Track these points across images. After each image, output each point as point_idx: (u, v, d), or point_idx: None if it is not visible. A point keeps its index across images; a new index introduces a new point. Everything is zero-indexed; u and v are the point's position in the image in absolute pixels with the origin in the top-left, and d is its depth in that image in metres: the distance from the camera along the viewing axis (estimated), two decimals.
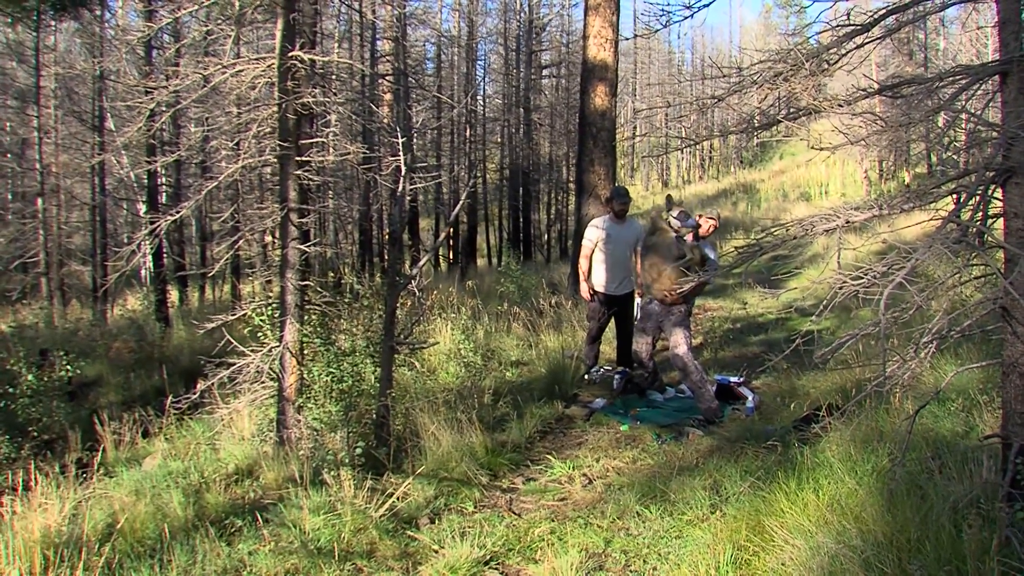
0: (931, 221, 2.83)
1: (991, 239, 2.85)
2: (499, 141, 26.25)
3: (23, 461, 5.27)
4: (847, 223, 2.94)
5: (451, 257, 23.21)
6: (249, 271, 15.35)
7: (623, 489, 4.22)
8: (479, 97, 25.71)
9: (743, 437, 4.77)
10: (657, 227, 5.87)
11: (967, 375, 4.38)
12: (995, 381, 4.05)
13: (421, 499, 4.24)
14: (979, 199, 2.76)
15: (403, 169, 4.89)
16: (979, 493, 2.90)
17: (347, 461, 4.20)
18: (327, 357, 5.02)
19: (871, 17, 3.09)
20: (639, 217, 7.86)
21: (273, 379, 5.06)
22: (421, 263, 5.13)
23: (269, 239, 12.26)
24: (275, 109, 5.03)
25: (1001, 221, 2.87)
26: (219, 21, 5.73)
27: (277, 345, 5.01)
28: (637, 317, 6.70)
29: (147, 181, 13.20)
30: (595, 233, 6.64)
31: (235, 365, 5.02)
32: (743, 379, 6.40)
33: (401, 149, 4.86)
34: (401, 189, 4.94)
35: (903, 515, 2.87)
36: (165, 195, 14.39)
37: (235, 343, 5.05)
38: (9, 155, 18.59)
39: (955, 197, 2.81)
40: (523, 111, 24.33)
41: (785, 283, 11.41)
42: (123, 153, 14.56)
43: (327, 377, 4.89)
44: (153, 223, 5.21)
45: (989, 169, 2.75)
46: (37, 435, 6.01)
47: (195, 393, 5.16)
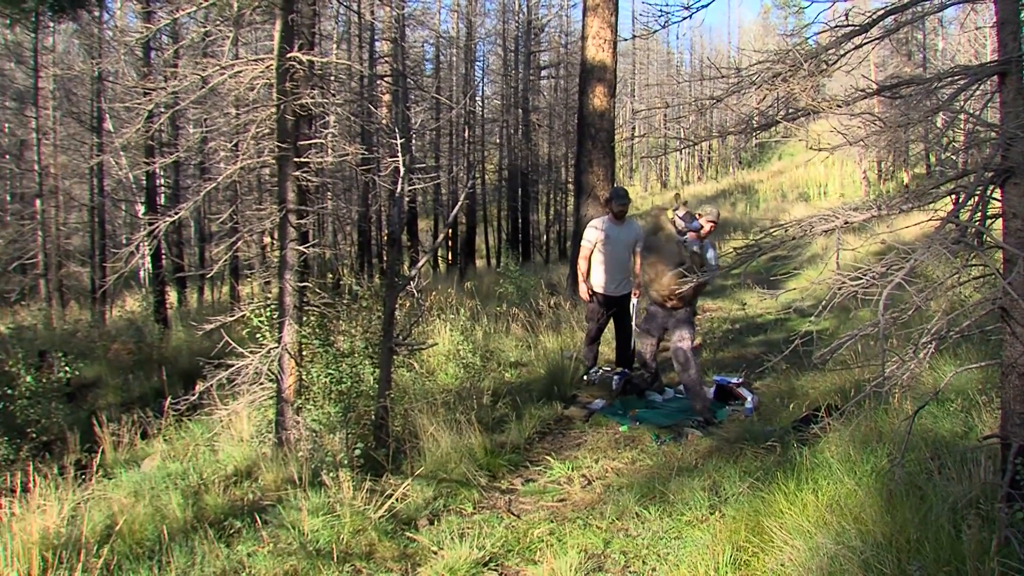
0: (930, 221, 2.84)
1: (990, 239, 2.85)
2: (498, 142, 26.27)
3: (22, 463, 5.26)
4: (846, 224, 2.94)
5: (450, 258, 23.20)
6: (248, 272, 15.37)
7: (622, 490, 4.22)
8: (478, 98, 25.73)
9: (742, 438, 4.77)
10: (660, 227, 5.84)
11: (966, 375, 4.38)
12: (994, 381, 4.05)
13: (420, 500, 4.24)
14: (978, 199, 2.76)
15: (402, 170, 4.89)
16: (978, 493, 2.90)
17: (346, 462, 4.20)
18: (326, 358, 5.01)
19: (869, 18, 3.10)
20: (638, 217, 7.86)
21: (272, 380, 5.05)
22: (420, 264, 5.13)
23: (268, 240, 12.28)
24: (273, 110, 5.03)
25: (1000, 221, 2.87)
26: (217, 22, 5.72)
27: (276, 346, 5.01)
28: (634, 317, 6.71)
29: (146, 182, 13.18)
30: (594, 234, 6.64)
31: (234, 366, 5.02)
32: (742, 380, 6.40)
33: (400, 150, 4.86)
34: (400, 190, 4.94)
35: (902, 515, 2.87)
36: (164, 196, 14.37)
37: (234, 344, 5.05)
38: (8, 156, 18.59)
39: (954, 197, 2.82)
40: (522, 112, 24.34)
41: (784, 284, 11.42)
42: (122, 154, 14.53)
43: (326, 378, 4.89)
44: (152, 224, 5.21)
45: (988, 169, 2.75)
46: (36, 437, 6.00)
47: (194, 394, 5.15)
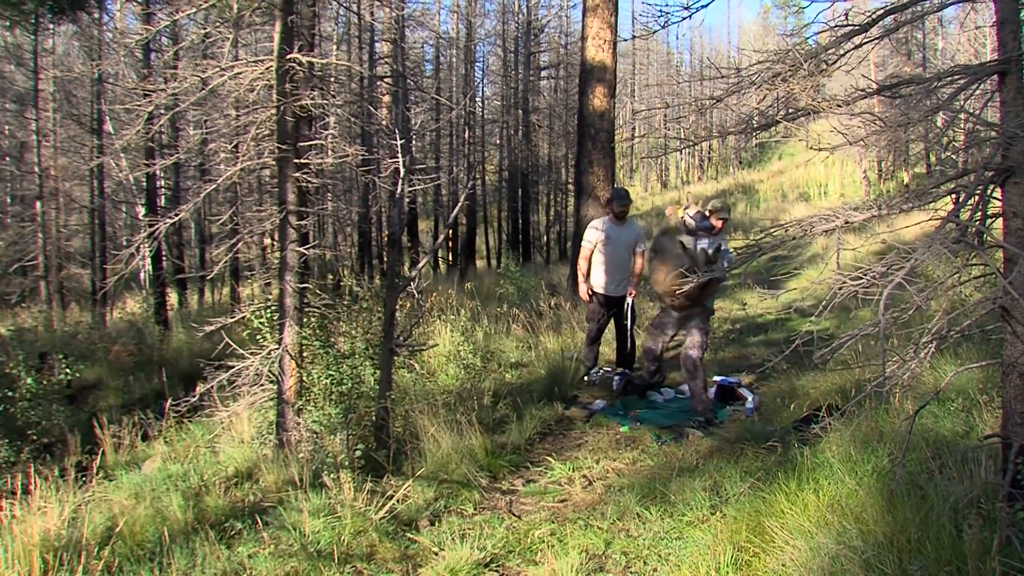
0: (930, 221, 2.83)
1: (990, 239, 2.85)
2: (498, 143, 26.26)
3: (22, 465, 5.27)
4: (846, 223, 2.94)
5: (450, 259, 23.19)
6: (248, 274, 15.37)
7: (623, 490, 4.22)
8: (478, 99, 25.72)
9: (743, 438, 4.77)
10: (669, 227, 5.78)
11: (967, 375, 4.38)
12: (995, 381, 4.05)
13: (421, 501, 4.24)
14: (978, 199, 2.76)
15: (402, 171, 4.89)
16: (979, 493, 2.89)
17: (347, 463, 4.20)
18: (326, 359, 5.01)
19: (869, 17, 3.10)
20: (639, 218, 7.86)
21: (272, 382, 5.05)
22: (420, 265, 5.13)
23: (268, 242, 12.28)
24: (273, 111, 5.03)
25: (1000, 221, 2.87)
26: (217, 24, 5.72)
27: (276, 348, 5.01)
28: (629, 317, 6.68)
29: (146, 184, 13.19)
30: (594, 234, 6.64)
31: (234, 368, 5.02)
32: (743, 380, 6.40)
33: (400, 151, 4.86)
34: (400, 191, 4.93)
35: (903, 515, 2.87)
36: (164, 198, 14.38)
37: (234, 346, 5.05)
38: (8, 158, 18.59)
39: (954, 197, 2.81)
40: (522, 112, 24.33)
41: (784, 284, 11.42)
42: (122, 156, 14.55)
43: (326, 379, 4.89)
44: (152, 226, 5.21)
45: (988, 169, 2.75)
46: (36, 439, 6.01)
47: (194, 396, 5.16)
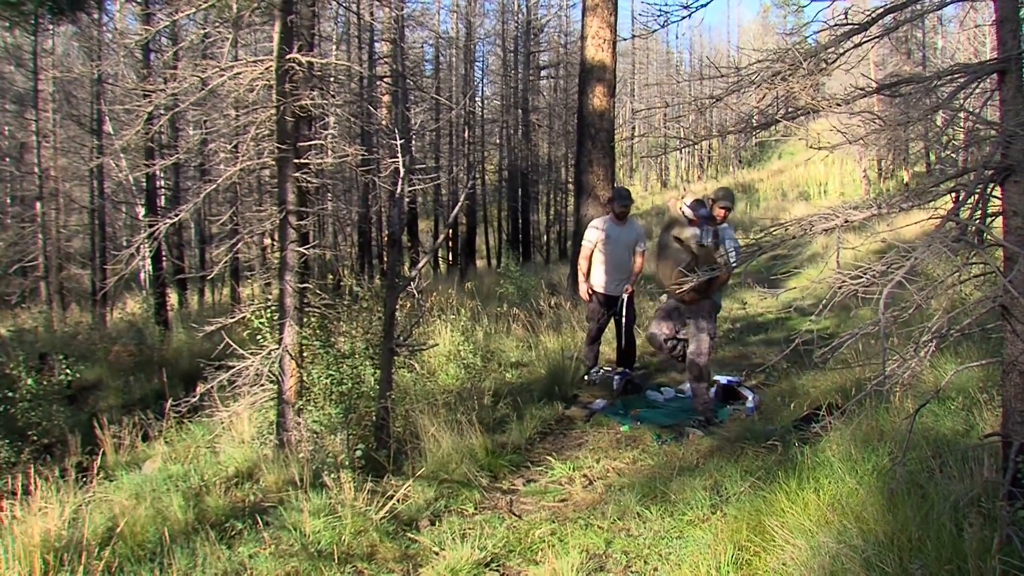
0: (930, 220, 2.83)
1: (990, 237, 2.85)
2: (498, 142, 26.26)
3: (23, 465, 5.26)
4: (846, 222, 2.94)
5: (450, 258, 23.19)
6: (248, 274, 15.37)
7: (623, 490, 4.22)
8: (477, 98, 25.72)
9: (743, 437, 4.77)
10: (672, 221, 5.70)
11: (967, 374, 4.38)
12: (995, 379, 4.04)
13: (421, 501, 4.24)
14: (978, 197, 2.76)
15: (402, 171, 4.89)
16: (980, 492, 2.89)
17: (347, 463, 4.20)
18: (326, 359, 5.01)
19: (869, 16, 3.09)
20: (639, 217, 7.85)
21: (272, 382, 5.05)
22: (420, 265, 5.13)
23: (268, 242, 12.26)
24: (273, 111, 5.03)
25: (1000, 219, 2.87)
26: (217, 24, 5.72)
27: (276, 348, 5.01)
28: (625, 312, 6.65)
29: (146, 184, 13.18)
30: (594, 234, 6.64)
31: (234, 368, 5.02)
32: (743, 379, 6.40)
33: (400, 151, 4.86)
34: (400, 191, 4.93)
35: (904, 514, 2.86)
36: (164, 198, 14.38)
37: (234, 346, 5.05)
38: (8, 159, 18.59)
39: (954, 196, 2.81)
40: (521, 112, 24.33)
41: (784, 283, 11.42)
42: (121, 156, 14.55)
43: (327, 379, 4.89)
44: (152, 226, 5.21)
45: (988, 167, 2.74)
46: (37, 439, 6.01)
47: (195, 396, 5.16)
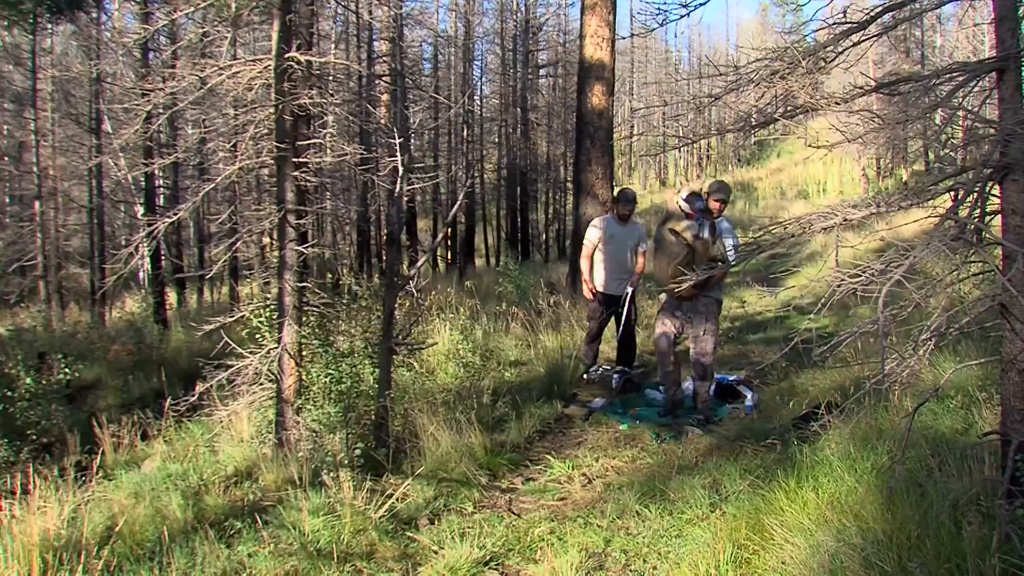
0: (929, 218, 2.83)
1: (989, 236, 2.85)
2: (496, 141, 26.25)
3: (22, 464, 5.25)
4: (845, 221, 2.94)
5: (449, 257, 23.19)
6: (247, 273, 15.35)
7: (623, 488, 4.22)
8: (476, 97, 25.69)
9: (742, 436, 4.78)
10: (668, 216, 5.67)
11: (966, 372, 4.38)
12: (994, 378, 4.05)
13: (420, 500, 4.24)
14: (977, 196, 2.76)
15: (400, 170, 4.89)
16: (979, 490, 2.89)
17: (346, 462, 4.20)
18: (325, 358, 5.01)
19: (868, 15, 3.09)
20: (637, 216, 7.84)
21: (272, 381, 5.05)
22: (419, 263, 5.13)
23: (267, 241, 12.24)
24: (272, 110, 5.02)
25: (999, 218, 2.87)
26: (215, 23, 5.71)
27: (275, 347, 5.00)
28: (626, 308, 6.64)
29: (144, 183, 13.18)
30: (596, 233, 6.65)
31: (234, 367, 5.02)
32: (742, 377, 6.40)
33: (398, 150, 4.85)
34: (399, 190, 4.93)
35: (903, 513, 2.87)
36: (163, 197, 14.37)
37: (233, 345, 5.05)
38: (6, 158, 18.58)
39: (953, 194, 2.81)
40: (520, 111, 24.32)
41: (783, 281, 11.42)
42: (120, 155, 14.53)
43: (326, 378, 4.89)
44: (151, 225, 5.20)
45: (986, 166, 2.74)
46: (36, 438, 5.99)
47: (194, 395, 5.15)
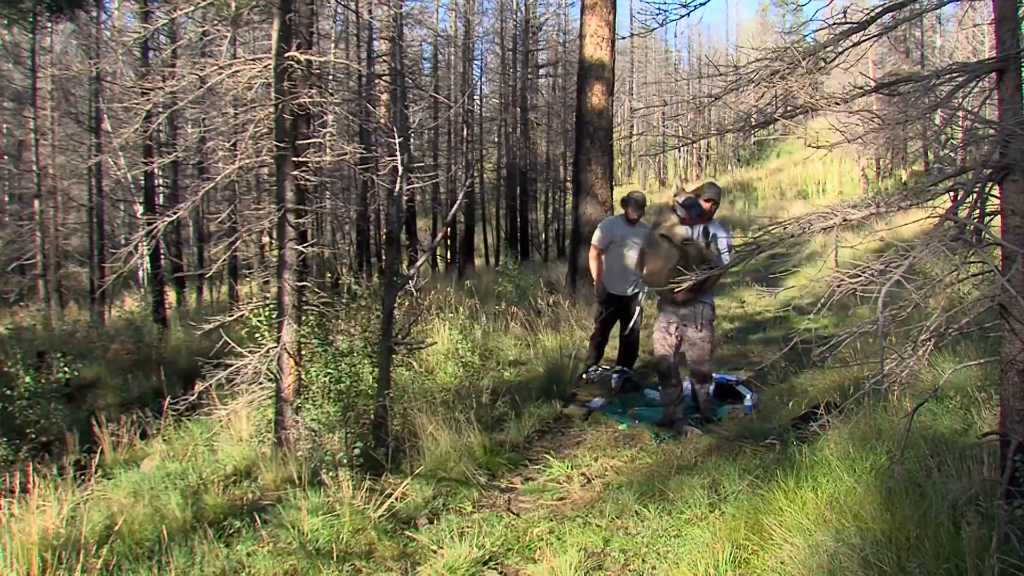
0: (928, 219, 2.83)
1: (988, 236, 2.85)
2: (496, 141, 26.25)
3: (21, 463, 5.25)
4: (845, 221, 2.94)
5: (448, 257, 23.19)
6: (247, 272, 15.33)
7: (622, 488, 4.22)
8: (476, 97, 25.71)
9: (741, 436, 4.78)
10: (661, 220, 5.67)
11: (965, 372, 4.38)
12: (993, 378, 4.05)
13: (419, 499, 4.23)
14: (976, 196, 2.76)
15: (400, 169, 4.88)
16: (978, 490, 2.89)
17: (345, 462, 4.20)
18: (325, 358, 5.01)
19: (868, 15, 3.09)
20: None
21: (271, 380, 5.05)
22: (418, 263, 5.12)
23: (266, 240, 12.26)
24: (272, 110, 5.02)
25: (999, 218, 2.87)
26: (215, 22, 5.71)
27: (275, 346, 5.00)
28: (635, 311, 6.64)
29: (144, 182, 13.17)
30: (604, 235, 6.65)
31: (233, 366, 5.01)
32: (741, 378, 6.40)
33: (398, 149, 4.85)
34: (398, 189, 4.93)
35: (902, 513, 2.87)
36: (162, 196, 14.36)
37: (233, 344, 5.04)
38: (6, 157, 18.58)
39: (952, 194, 2.81)
40: (520, 111, 24.32)
41: (783, 281, 11.43)
42: (120, 154, 14.52)
43: (325, 378, 4.88)
44: (150, 224, 5.20)
45: (986, 166, 2.74)
46: (35, 437, 5.99)
47: (193, 394, 5.14)
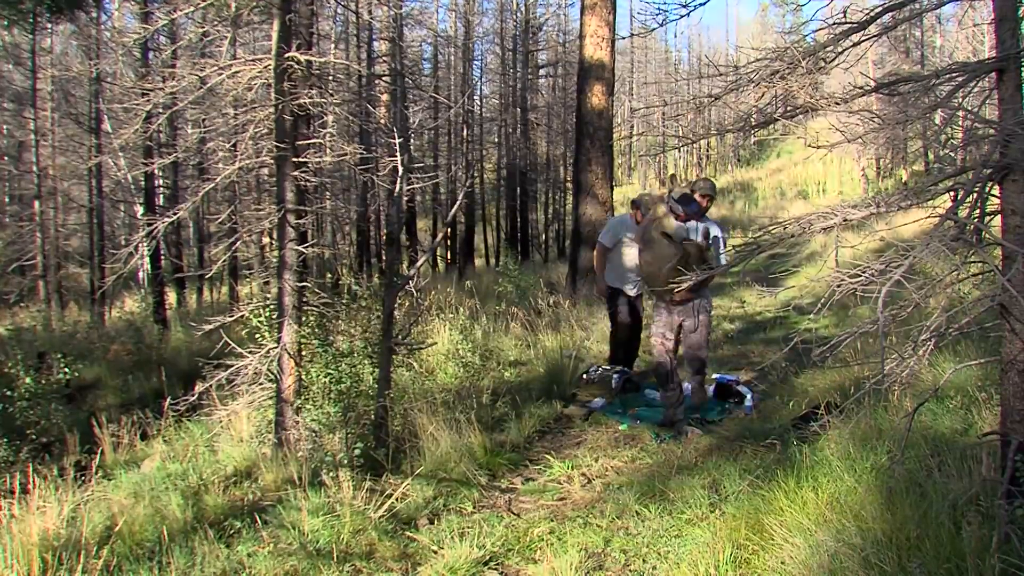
0: (929, 218, 2.83)
1: (989, 236, 2.85)
2: (496, 141, 26.25)
3: (21, 464, 5.24)
4: (845, 221, 2.94)
5: (449, 257, 23.19)
6: (247, 272, 15.34)
7: (622, 488, 4.22)
8: (476, 97, 25.69)
9: (742, 436, 4.78)
10: (655, 217, 5.42)
11: (965, 372, 4.38)
12: (993, 378, 4.05)
13: (420, 500, 4.23)
14: (976, 196, 2.76)
15: (400, 170, 4.88)
16: (978, 490, 2.89)
17: (346, 462, 4.20)
18: (325, 358, 5.01)
19: (867, 15, 3.09)
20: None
21: (271, 380, 5.05)
22: (419, 263, 5.12)
23: (267, 240, 12.27)
24: (272, 110, 5.02)
25: (999, 218, 2.87)
26: (215, 22, 5.71)
27: (275, 346, 5.00)
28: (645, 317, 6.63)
29: (144, 183, 13.18)
30: (614, 233, 6.67)
31: (233, 367, 5.01)
32: (741, 378, 6.40)
33: (398, 150, 4.85)
34: (398, 190, 4.93)
35: (902, 513, 2.87)
36: (162, 197, 14.36)
37: (233, 345, 5.04)
38: (6, 158, 18.58)
39: (952, 194, 2.81)
40: (520, 111, 24.32)
41: (783, 281, 11.42)
42: (120, 155, 14.54)
43: (325, 378, 4.88)
44: (150, 225, 5.19)
45: (986, 166, 2.74)
46: (35, 438, 5.99)
47: (193, 395, 5.14)
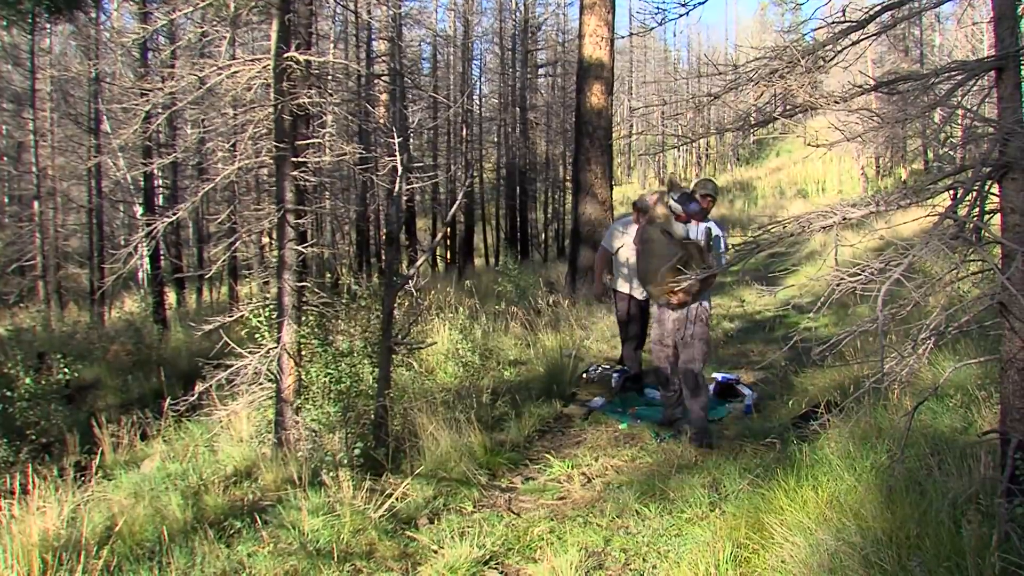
0: (928, 217, 2.84)
1: (988, 235, 2.85)
2: (496, 140, 26.22)
3: (21, 464, 5.25)
4: (844, 220, 2.94)
5: (448, 257, 23.18)
6: (246, 272, 15.34)
7: (622, 487, 4.22)
8: (475, 97, 25.67)
9: (742, 435, 4.78)
10: (654, 217, 5.29)
11: (965, 371, 4.39)
12: (993, 377, 4.05)
13: (420, 499, 4.24)
14: (976, 195, 2.76)
15: (399, 169, 4.89)
16: (978, 489, 2.90)
17: (346, 462, 4.20)
18: (325, 358, 5.01)
19: (866, 14, 3.09)
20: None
21: (271, 380, 5.05)
22: (418, 263, 5.12)
23: (266, 240, 12.25)
24: (271, 110, 5.02)
25: (998, 217, 2.87)
26: (214, 23, 5.71)
27: (275, 346, 5.00)
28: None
29: (143, 183, 13.17)
30: (616, 237, 6.65)
31: (233, 367, 5.01)
32: (741, 377, 6.40)
33: (397, 149, 4.85)
34: (398, 189, 4.93)
35: (902, 511, 2.87)
36: (162, 197, 14.37)
37: (233, 345, 5.04)
38: (5, 158, 18.58)
39: (952, 193, 2.82)
40: (519, 110, 24.31)
41: (783, 280, 11.41)
42: (119, 155, 14.52)
43: (325, 378, 4.88)
44: (150, 225, 5.20)
45: (986, 165, 2.75)
46: (35, 438, 5.98)
47: (193, 395, 5.14)
